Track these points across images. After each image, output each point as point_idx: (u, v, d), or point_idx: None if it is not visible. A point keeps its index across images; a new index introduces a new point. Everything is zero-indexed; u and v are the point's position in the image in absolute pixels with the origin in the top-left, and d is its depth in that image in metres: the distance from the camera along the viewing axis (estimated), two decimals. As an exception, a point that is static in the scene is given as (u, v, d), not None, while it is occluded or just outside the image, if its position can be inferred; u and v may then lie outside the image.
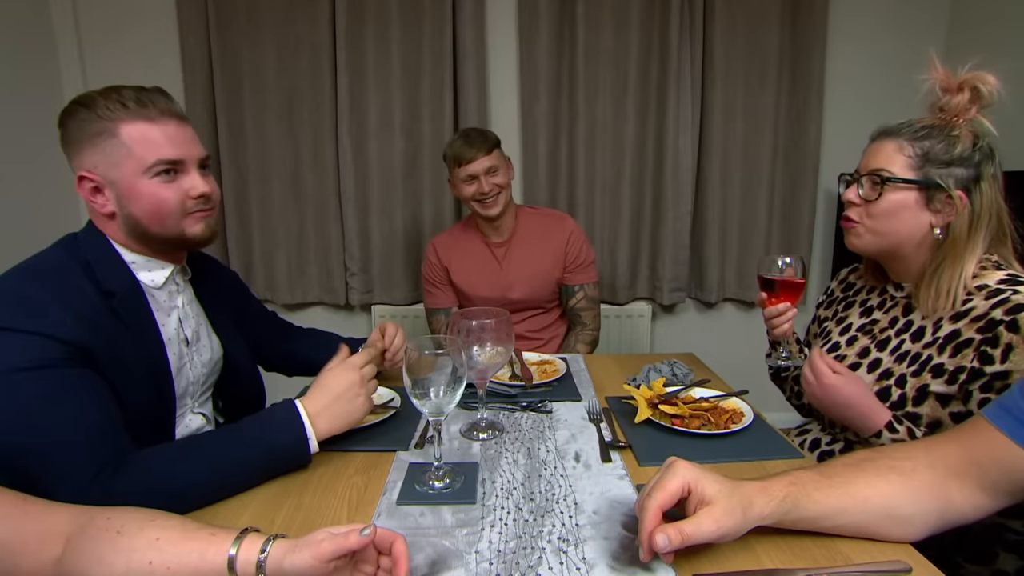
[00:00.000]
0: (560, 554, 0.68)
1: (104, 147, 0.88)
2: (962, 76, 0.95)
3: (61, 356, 0.76)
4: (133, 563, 0.59)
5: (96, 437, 0.77)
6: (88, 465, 0.74)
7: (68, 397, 0.76)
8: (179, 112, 0.94)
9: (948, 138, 0.94)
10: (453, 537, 0.72)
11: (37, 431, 0.74)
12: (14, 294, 0.79)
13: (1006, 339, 0.85)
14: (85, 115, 0.88)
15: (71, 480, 0.73)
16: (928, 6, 2.45)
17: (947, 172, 0.93)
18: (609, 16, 2.32)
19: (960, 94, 0.95)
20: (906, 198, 0.95)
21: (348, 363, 0.95)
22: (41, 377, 0.75)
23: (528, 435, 1.00)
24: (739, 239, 2.52)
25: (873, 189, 0.97)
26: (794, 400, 1.29)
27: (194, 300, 1.06)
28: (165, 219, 0.92)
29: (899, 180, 0.94)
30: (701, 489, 0.64)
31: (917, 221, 0.96)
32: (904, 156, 0.95)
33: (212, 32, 2.27)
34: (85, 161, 0.89)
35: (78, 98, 0.90)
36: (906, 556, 0.67)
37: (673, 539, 0.60)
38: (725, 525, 0.63)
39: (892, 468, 0.72)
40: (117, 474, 0.75)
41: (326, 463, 0.91)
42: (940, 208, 0.94)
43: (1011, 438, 0.68)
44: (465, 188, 1.70)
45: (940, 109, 0.97)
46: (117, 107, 0.87)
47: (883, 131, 1.00)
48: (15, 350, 0.74)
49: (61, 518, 0.62)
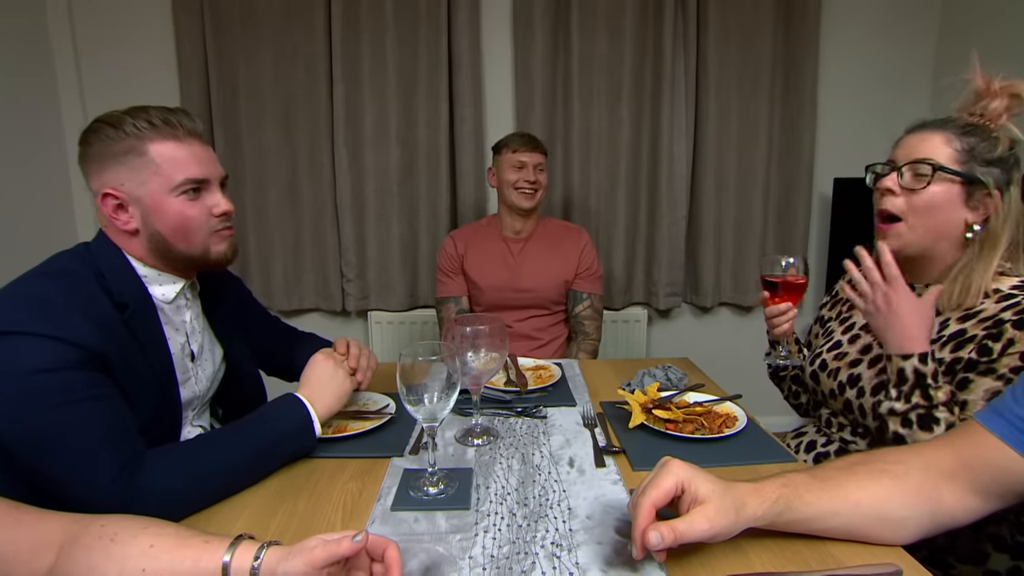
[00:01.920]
0: (553, 559, 0.68)
1: (132, 165, 0.89)
2: (1002, 82, 0.95)
3: (79, 360, 0.77)
4: (127, 570, 0.59)
5: (116, 437, 0.78)
6: (110, 464, 0.75)
7: (86, 399, 0.77)
8: (202, 132, 0.96)
9: (990, 139, 0.94)
10: (447, 543, 0.72)
11: (58, 431, 0.75)
12: (33, 298, 0.80)
13: (1009, 335, 0.85)
14: (112, 133, 0.89)
15: (94, 479, 0.74)
16: (919, 14, 2.48)
17: (987, 171, 0.93)
18: (603, 24, 2.34)
19: (998, 99, 0.95)
20: (950, 191, 0.94)
21: (321, 352, 1.05)
22: (61, 379, 0.76)
23: (522, 440, 1.01)
24: (734, 244, 2.53)
25: (916, 179, 0.95)
26: (791, 400, 1.30)
27: (200, 314, 1.07)
28: (191, 236, 0.94)
29: (950, 171, 0.93)
30: (695, 488, 0.65)
31: (956, 217, 0.95)
32: (952, 149, 0.94)
33: (208, 40, 2.28)
34: (110, 179, 0.90)
35: (103, 117, 0.91)
36: (897, 559, 0.67)
37: (666, 536, 0.61)
38: (718, 524, 0.63)
39: (884, 471, 0.72)
40: (138, 471, 0.77)
41: (321, 469, 0.91)
42: (976, 206, 0.94)
43: (1003, 440, 0.68)
44: (512, 173, 1.80)
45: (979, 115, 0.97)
46: (145, 126, 0.89)
47: (926, 123, 0.99)
48: (36, 353, 0.75)
49: (54, 526, 0.62)
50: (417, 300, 2.55)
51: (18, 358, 0.75)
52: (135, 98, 2.45)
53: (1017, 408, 0.69)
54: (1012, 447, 0.67)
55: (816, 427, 1.14)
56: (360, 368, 1.10)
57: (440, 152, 2.38)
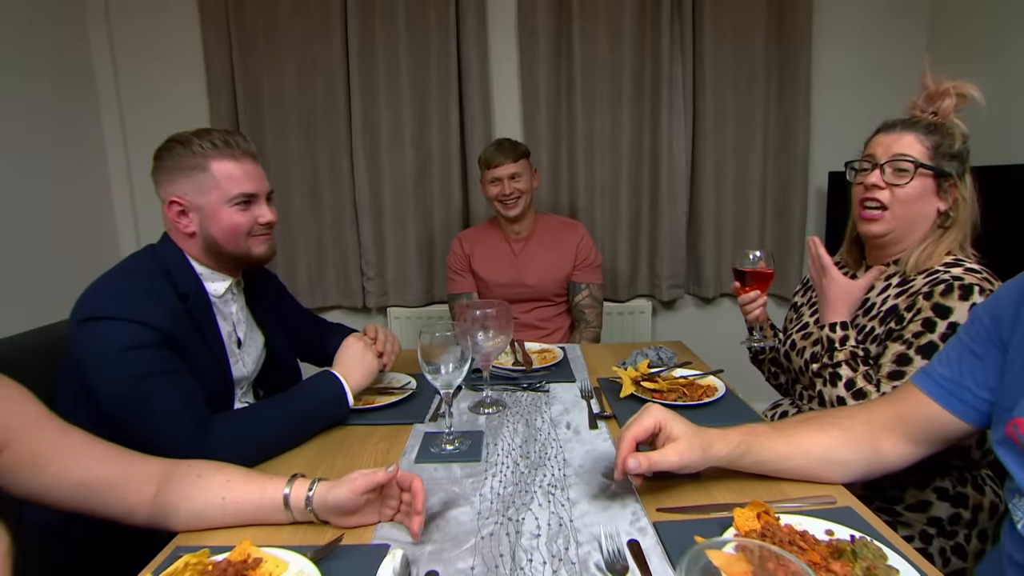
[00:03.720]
0: (549, 495, 0.83)
1: (196, 178, 1.06)
2: (951, 83, 1.08)
3: (156, 340, 0.94)
4: (210, 498, 0.75)
5: (189, 402, 0.95)
6: (187, 423, 0.92)
7: (164, 371, 0.94)
8: (255, 152, 1.12)
9: (949, 136, 1.06)
10: (461, 485, 0.87)
11: (144, 396, 0.92)
12: (118, 290, 0.98)
13: (919, 305, 0.99)
14: (181, 151, 1.05)
15: (175, 434, 0.90)
16: (909, 9, 2.56)
17: (950, 164, 1.06)
18: (604, 31, 2.47)
19: (949, 98, 1.07)
20: (925, 183, 1.06)
21: (352, 336, 1.22)
22: (143, 355, 0.92)
23: (527, 409, 1.15)
24: (734, 237, 2.65)
25: (897, 174, 1.07)
26: (771, 380, 1.42)
27: (244, 307, 1.23)
28: (237, 240, 1.10)
29: (926, 166, 1.05)
30: (669, 428, 0.79)
31: (930, 206, 1.07)
32: (923, 147, 1.06)
33: (234, 55, 2.46)
34: (177, 189, 1.06)
35: (175, 136, 1.08)
36: (835, 493, 0.81)
37: (642, 463, 0.75)
38: (686, 458, 0.77)
39: (834, 424, 0.86)
40: (208, 429, 0.93)
41: (355, 435, 1.07)
42: (945, 195, 1.07)
43: (930, 396, 0.82)
44: (491, 188, 1.93)
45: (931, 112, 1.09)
46: (208, 146, 1.05)
47: (897, 123, 1.11)
48: (124, 334, 0.92)
49: (155, 466, 0.78)
50: (433, 296, 2.70)
51: (110, 338, 0.92)
52: (168, 109, 2.65)
53: (941, 369, 0.82)
54: (936, 401, 0.81)
55: (791, 401, 1.27)
56: (386, 351, 1.25)
57: (452, 156, 2.53)
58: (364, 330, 1.28)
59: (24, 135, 2.08)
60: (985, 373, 0.77)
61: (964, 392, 0.78)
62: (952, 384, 0.80)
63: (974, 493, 1.03)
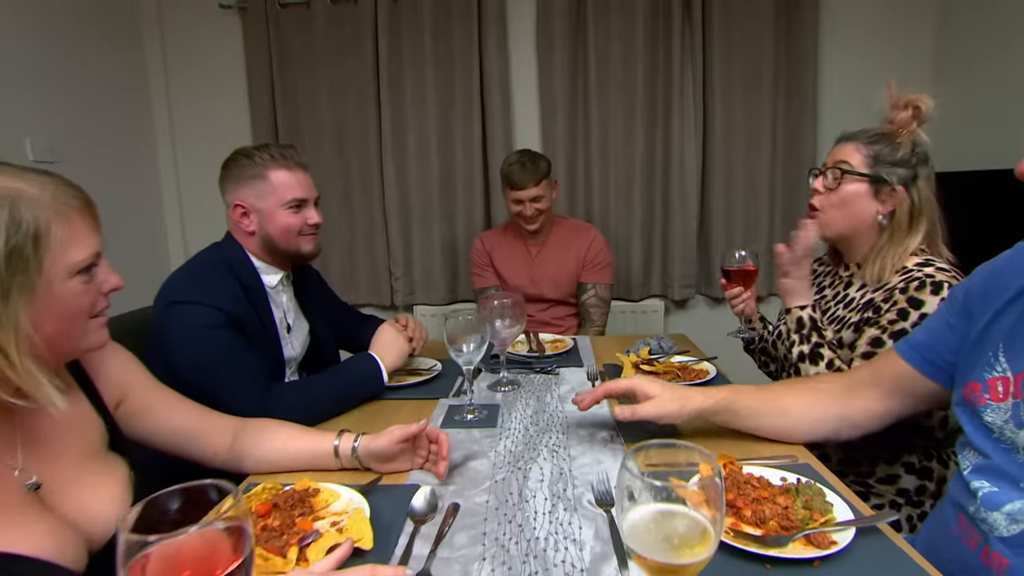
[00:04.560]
0: (553, 452, 0.98)
1: (256, 185, 1.25)
2: (907, 96, 1.19)
3: (226, 321, 1.12)
4: (275, 446, 0.93)
5: (254, 373, 1.14)
6: (253, 390, 1.11)
7: (233, 348, 1.13)
8: (306, 164, 1.31)
9: (893, 144, 1.18)
10: (480, 443, 1.03)
11: (219, 368, 1.10)
12: (196, 280, 1.18)
13: (895, 298, 1.10)
14: (245, 162, 1.25)
15: (244, 399, 1.08)
16: (916, 11, 2.61)
17: (891, 171, 1.17)
18: (617, 42, 2.61)
19: (905, 110, 1.19)
20: (859, 188, 1.19)
21: (387, 323, 1.41)
22: (216, 334, 1.11)
23: (539, 389, 1.31)
24: (743, 239, 2.75)
25: (835, 180, 1.21)
26: (763, 369, 1.55)
27: (292, 298, 1.42)
28: (290, 238, 1.29)
29: (855, 173, 1.18)
30: (646, 389, 0.95)
31: (868, 208, 1.19)
32: (860, 155, 1.19)
33: (275, 71, 2.67)
34: (240, 194, 1.26)
35: (239, 150, 1.28)
36: (797, 452, 0.94)
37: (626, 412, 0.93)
38: (664, 408, 0.93)
39: (813, 388, 0.99)
40: (270, 396, 1.11)
41: (387, 408, 1.23)
42: (885, 199, 1.18)
43: (901, 357, 0.92)
44: (513, 206, 2.07)
45: (889, 122, 1.22)
46: (268, 158, 1.24)
47: (845, 136, 1.25)
48: (201, 316, 1.11)
49: (230, 422, 0.96)
50: (457, 295, 2.87)
51: (190, 319, 1.10)
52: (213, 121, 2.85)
53: (920, 336, 0.93)
54: (910, 364, 0.91)
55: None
56: (415, 337, 1.42)
57: (474, 163, 2.70)
58: (396, 319, 1.45)
59: (89, 137, 2.31)
60: (955, 340, 0.87)
61: (935, 355, 0.89)
62: (926, 348, 0.90)
63: (938, 467, 1.14)
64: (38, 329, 0.67)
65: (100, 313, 0.76)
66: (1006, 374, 0.76)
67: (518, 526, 0.77)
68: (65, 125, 2.18)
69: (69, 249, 0.69)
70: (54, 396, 0.68)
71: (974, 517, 0.76)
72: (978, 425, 0.78)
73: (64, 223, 0.69)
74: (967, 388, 0.81)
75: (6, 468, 0.70)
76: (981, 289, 0.85)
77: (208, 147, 2.75)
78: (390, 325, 1.37)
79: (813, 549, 0.67)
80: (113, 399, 0.86)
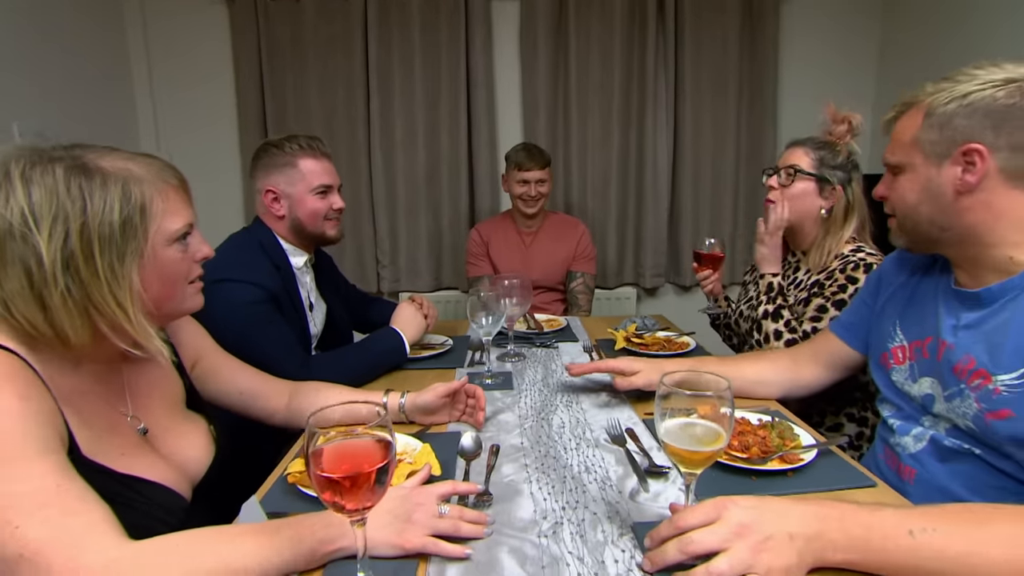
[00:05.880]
0: (568, 406, 1.16)
1: (287, 173, 1.36)
2: (843, 113, 1.42)
3: (265, 297, 1.24)
4: (330, 402, 1.05)
5: (294, 343, 1.26)
6: (294, 359, 1.23)
7: (273, 322, 1.24)
8: (330, 153, 1.43)
9: (834, 151, 1.42)
10: (503, 401, 1.18)
11: (263, 340, 1.21)
12: (236, 259, 1.28)
13: (835, 276, 1.33)
14: (276, 152, 1.35)
15: (286, 367, 1.19)
16: (862, 30, 2.94)
17: (833, 172, 1.40)
18: (597, 51, 2.80)
19: (841, 124, 1.42)
20: (807, 186, 1.41)
21: (406, 301, 1.54)
22: (256, 309, 1.22)
23: (543, 359, 1.48)
24: (710, 232, 2.98)
25: (788, 178, 1.43)
26: (727, 342, 1.77)
27: (313, 279, 1.53)
28: (316, 222, 1.41)
29: (807, 172, 1.41)
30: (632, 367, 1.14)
31: (813, 203, 1.42)
32: (809, 158, 1.42)
33: (263, 63, 2.72)
34: (271, 181, 1.37)
35: (268, 140, 1.39)
36: (768, 405, 1.14)
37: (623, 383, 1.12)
38: (649, 378, 1.12)
39: (766, 358, 1.20)
40: (310, 364, 1.24)
41: (412, 376, 1.38)
42: (827, 196, 1.41)
43: (836, 335, 1.14)
44: (517, 187, 2.22)
45: (829, 133, 1.45)
46: (297, 147, 1.35)
47: (794, 141, 1.47)
48: (245, 292, 1.22)
49: (284, 384, 1.09)
50: (441, 283, 3.00)
51: (234, 294, 1.22)
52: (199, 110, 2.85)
53: (846, 317, 1.16)
54: (841, 339, 1.13)
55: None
56: (430, 315, 1.57)
57: (460, 157, 2.84)
58: (412, 298, 1.59)
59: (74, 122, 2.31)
60: (870, 316, 1.10)
61: (859, 331, 1.11)
62: (852, 326, 1.13)
63: (873, 416, 1.37)
64: (147, 289, 0.78)
65: (196, 279, 0.87)
66: (903, 343, 0.98)
67: (553, 458, 0.94)
68: (53, 110, 2.20)
69: (167, 219, 0.80)
70: (163, 347, 0.80)
71: (893, 445, 0.97)
72: (888, 383, 1.01)
73: (163, 197, 0.80)
74: (884, 356, 1.03)
75: (120, 415, 0.82)
76: (886, 272, 1.08)
77: (192, 136, 2.80)
78: (408, 303, 1.51)
79: (786, 464, 0.87)
80: (190, 361, 0.98)
